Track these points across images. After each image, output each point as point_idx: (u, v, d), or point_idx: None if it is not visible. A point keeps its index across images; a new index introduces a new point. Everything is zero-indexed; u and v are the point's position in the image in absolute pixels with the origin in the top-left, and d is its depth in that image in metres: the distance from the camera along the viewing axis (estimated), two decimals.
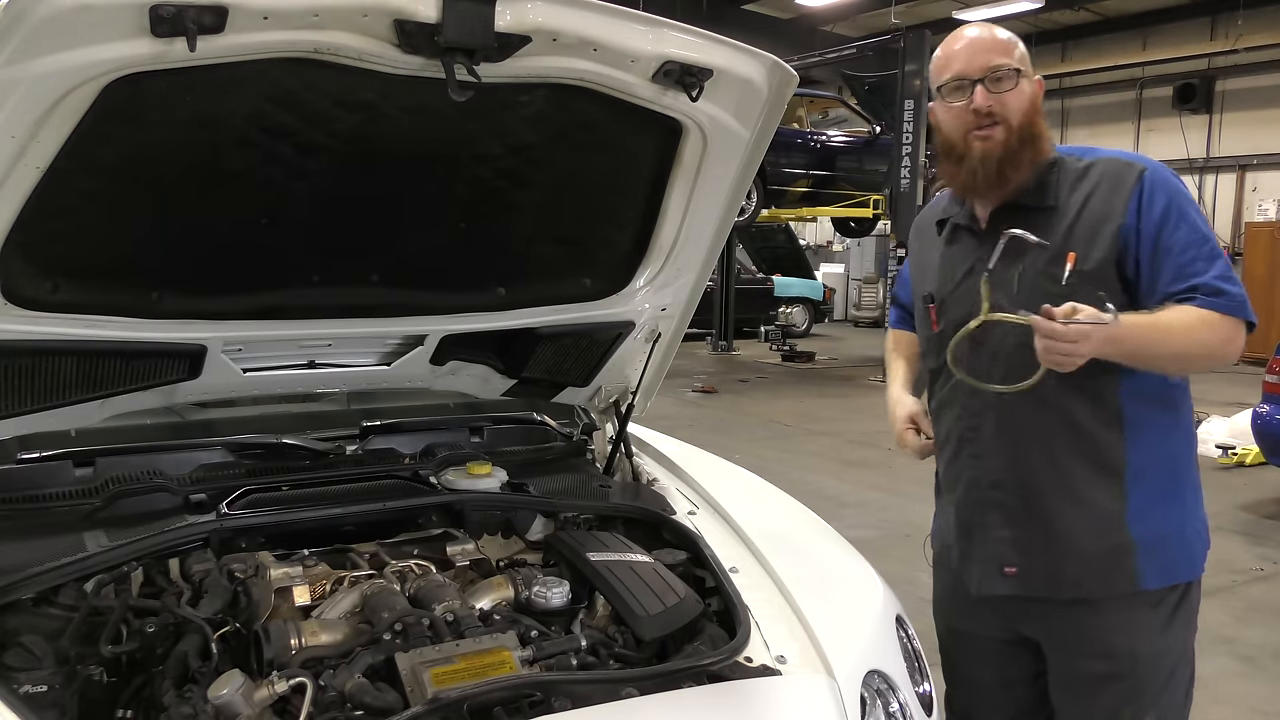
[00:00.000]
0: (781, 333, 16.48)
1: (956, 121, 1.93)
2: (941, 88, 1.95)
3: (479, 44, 1.67)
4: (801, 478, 6.88)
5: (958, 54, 1.93)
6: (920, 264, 2.20)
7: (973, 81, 1.90)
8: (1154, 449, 1.92)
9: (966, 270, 2.01)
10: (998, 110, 1.89)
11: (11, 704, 1.49)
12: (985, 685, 2.16)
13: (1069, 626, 1.98)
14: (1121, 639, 1.94)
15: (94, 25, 1.47)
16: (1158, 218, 1.83)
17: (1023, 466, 1.96)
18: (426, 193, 2.08)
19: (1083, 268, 1.84)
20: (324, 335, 2.29)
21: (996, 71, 1.89)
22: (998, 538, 2.00)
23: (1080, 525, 1.92)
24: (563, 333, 2.51)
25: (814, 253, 22.95)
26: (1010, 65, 1.90)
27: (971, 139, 1.92)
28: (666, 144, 2.14)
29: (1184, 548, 1.95)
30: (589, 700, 1.61)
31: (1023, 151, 1.91)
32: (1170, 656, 1.97)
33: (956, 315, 1.99)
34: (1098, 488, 1.91)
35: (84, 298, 1.92)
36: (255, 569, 1.97)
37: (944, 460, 2.13)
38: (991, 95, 1.89)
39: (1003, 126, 1.90)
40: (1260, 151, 17.03)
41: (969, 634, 2.16)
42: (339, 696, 1.62)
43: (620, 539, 2.19)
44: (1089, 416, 1.90)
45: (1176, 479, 1.96)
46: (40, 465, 2.21)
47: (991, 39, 1.93)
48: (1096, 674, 1.97)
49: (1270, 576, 5.42)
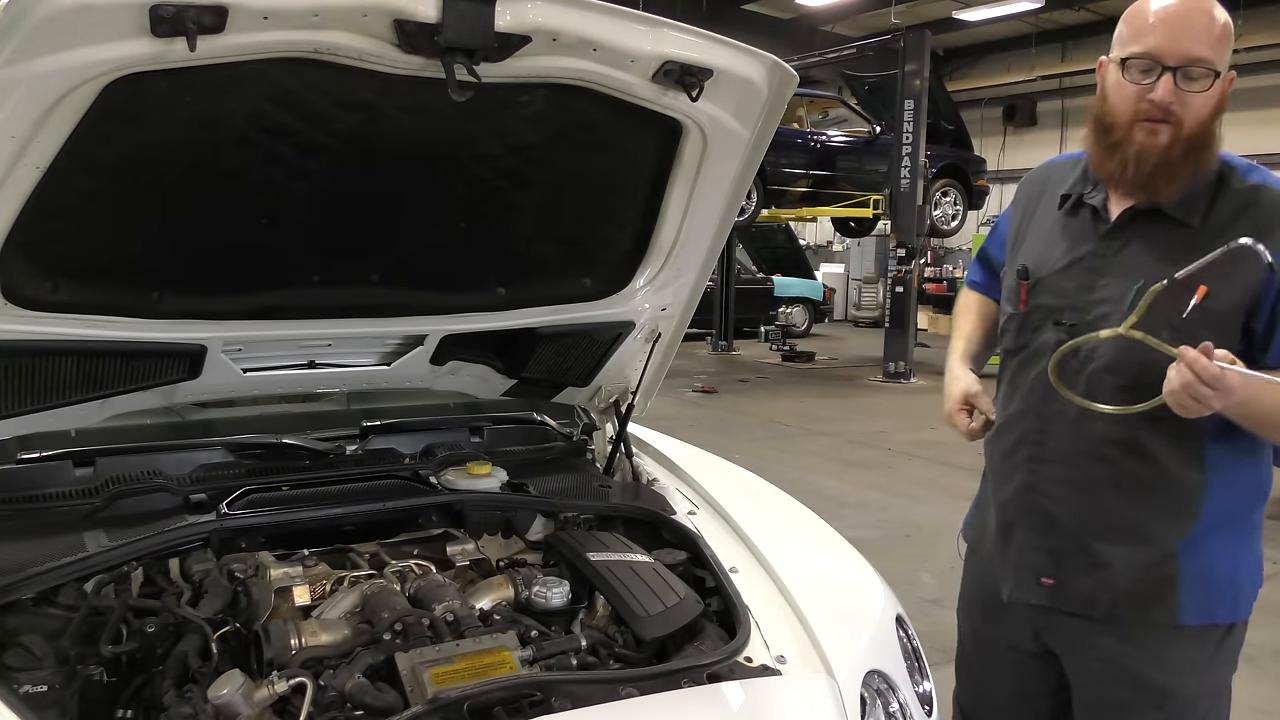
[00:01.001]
0: (781, 333, 16.48)
1: (1127, 102, 1.69)
2: (1127, 59, 1.68)
3: (479, 44, 1.67)
4: (801, 478, 6.88)
5: (1158, 26, 1.65)
6: (1024, 231, 1.94)
7: (1164, 68, 1.64)
8: (1229, 493, 1.78)
9: (1076, 257, 1.81)
10: (1177, 109, 1.65)
11: (11, 704, 1.49)
12: (1003, 695, 2.09)
13: (1100, 649, 1.87)
14: (1154, 672, 1.83)
15: (94, 25, 1.47)
16: None
17: (1083, 486, 1.82)
18: (426, 193, 2.08)
19: (1211, 305, 1.61)
20: (324, 335, 2.29)
21: (1196, 65, 1.63)
22: (1039, 546, 1.88)
23: (1127, 555, 1.80)
24: (563, 333, 2.50)
25: (814, 253, 22.96)
26: (1212, 62, 1.63)
27: (1136, 129, 1.68)
28: (666, 144, 2.14)
29: (1232, 588, 1.82)
30: (589, 700, 1.61)
31: (1185, 162, 1.68)
32: (1206, 698, 1.86)
33: (1049, 301, 1.82)
34: (1160, 525, 1.77)
35: (84, 298, 1.92)
36: (255, 569, 1.97)
37: (998, 451, 1.96)
38: (1178, 91, 1.64)
39: (1173, 128, 1.66)
40: (1260, 151, 17.03)
41: (993, 640, 2.07)
42: (339, 696, 1.62)
43: (620, 539, 2.19)
44: (1167, 453, 1.74)
45: (1240, 519, 1.83)
46: (40, 465, 2.20)
47: (1205, 21, 1.64)
48: (1124, 702, 1.86)
49: (1270, 576, 5.40)
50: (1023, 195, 2.02)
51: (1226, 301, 1.66)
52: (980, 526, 2.08)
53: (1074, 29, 18.50)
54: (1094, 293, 1.79)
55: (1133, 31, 1.70)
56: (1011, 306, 1.93)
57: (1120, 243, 1.78)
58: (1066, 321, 1.80)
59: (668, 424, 3.53)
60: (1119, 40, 1.72)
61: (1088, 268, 1.80)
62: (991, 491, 2.01)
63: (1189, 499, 1.77)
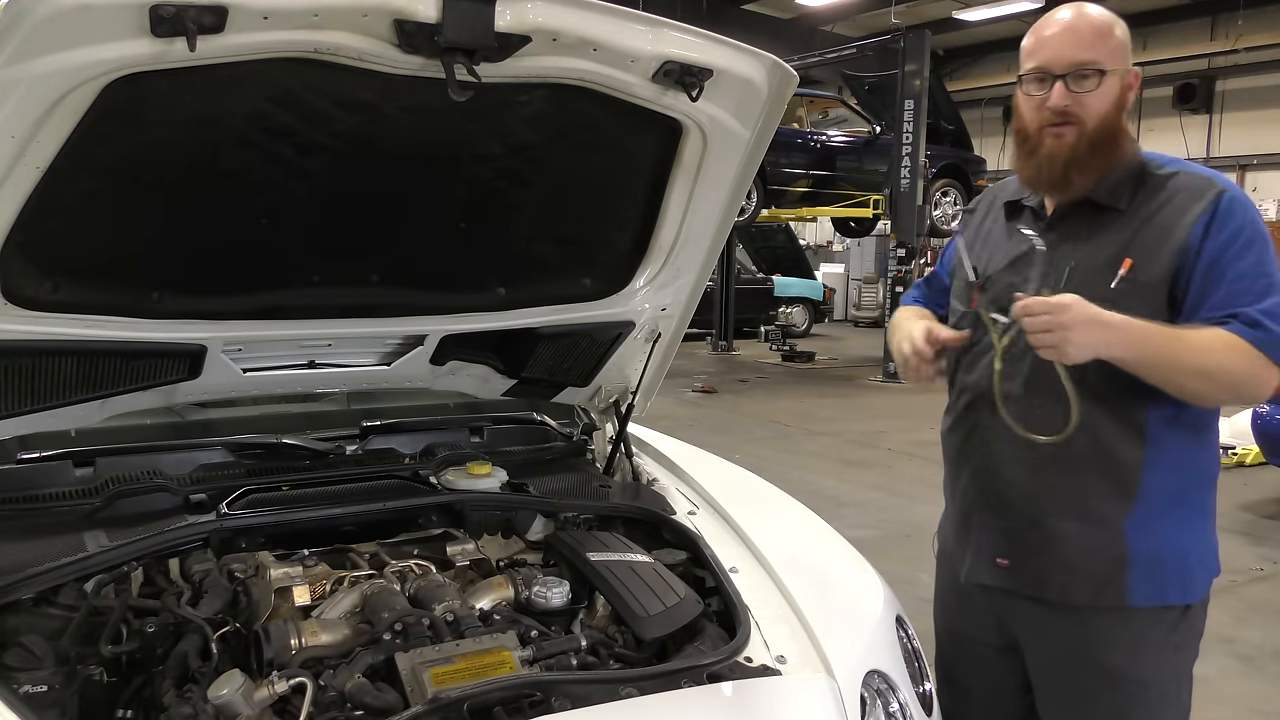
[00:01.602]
0: (781, 333, 16.48)
1: (1032, 114, 1.85)
2: (1023, 76, 1.86)
3: (479, 44, 1.67)
4: (801, 478, 6.88)
5: (1046, 42, 1.83)
6: (976, 238, 2.11)
7: (1054, 76, 1.81)
8: (1171, 470, 1.86)
9: (1020, 254, 1.95)
10: (1075, 111, 1.80)
11: (11, 704, 1.49)
12: (973, 692, 2.14)
13: (1056, 635, 1.94)
14: (1107, 654, 1.89)
15: (94, 25, 1.47)
16: (1222, 243, 1.75)
17: (1033, 465, 1.90)
18: (426, 193, 2.08)
19: (1137, 277, 1.78)
20: (324, 335, 2.29)
21: (1082, 69, 1.79)
22: (994, 526, 1.97)
23: (1078, 533, 1.87)
24: (563, 333, 2.50)
25: (814, 253, 22.95)
26: (1097, 63, 1.79)
27: (1044, 134, 1.84)
28: (666, 144, 2.14)
29: (1182, 571, 1.87)
30: (589, 700, 1.61)
31: (1092, 157, 1.82)
32: (1161, 683, 1.91)
33: (996, 297, 1.94)
34: (1106, 502, 1.85)
35: (84, 298, 1.92)
36: (255, 569, 1.98)
37: (955, 440, 2.07)
38: (1070, 94, 1.80)
39: (1076, 128, 1.81)
40: (1260, 151, 17.05)
41: (963, 636, 2.14)
42: (339, 696, 1.62)
43: (620, 539, 2.19)
44: (1111, 432, 1.83)
45: (1187, 502, 1.89)
46: (40, 465, 2.21)
47: (1086, 29, 1.81)
48: (1081, 688, 1.92)
49: (1270, 576, 5.42)
50: (975, 213, 2.17)
51: (1150, 273, 1.79)
52: (947, 526, 2.15)
53: None
54: (1034, 281, 1.90)
55: (1027, 52, 1.87)
56: (963, 305, 2.06)
57: (1056, 235, 1.90)
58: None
59: (668, 424, 3.53)
60: (1021, 61, 1.89)
61: (1029, 261, 1.92)
62: (950, 480, 2.10)
63: (1129, 474, 1.84)
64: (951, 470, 2.10)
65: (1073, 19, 1.83)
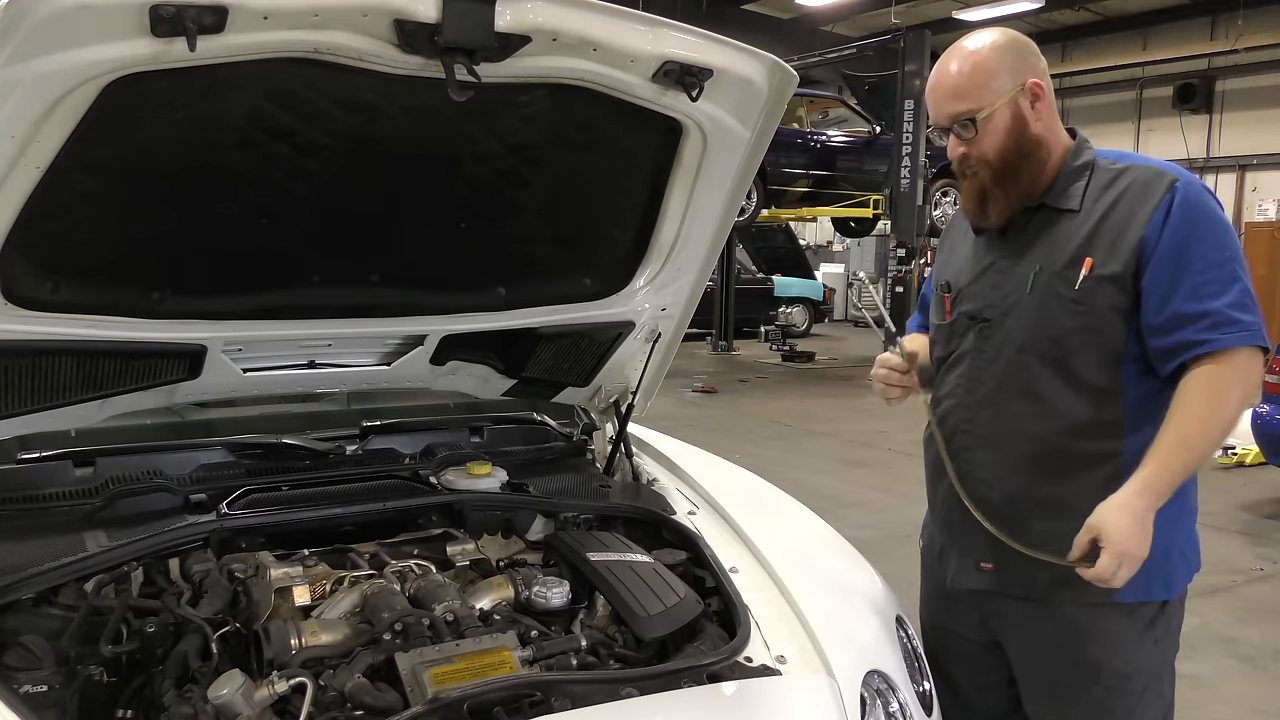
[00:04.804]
0: (781, 333, 16.47)
1: (950, 155, 1.96)
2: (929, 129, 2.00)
3: (479, 44, 1.67)
4: (801, 478, 6.88)
5: (930, 98, 1.94)
6: (948, 254, 2.18)
7: (944, 130, 1.93)
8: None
9: (987, 264, 2.00)
10: (973, 154, 1.90)
11: (11, 704, 1.49)
12: (959, 686, 2.15)
13: (1040, 631, 1.96)
14: (1090, 647, 1.91)
15: (94, 25, 1.47)
16: (1182, 233, 1.79)
17: (1011, 466, 1.93)
18: (426, 193, 2.08)
19: (1100, 274, 1.82)
20: (324, 335, 2.29)
21: (958, 119, 1.89)
22: (977, 532, 1.96)
23: (1063, 529, 1.83)
24: (563, 333, 2.51)
25: (814, 253, 22.94)
26: (971, 111, 1.87)
27: (964, 172, 1.96)
28: (666, 144, 2.14)
29: (1163, 566, 1.87)
30: (589, 700, 1.61)
31: (1000, 188, 1.91)
32: (1143, 675, 1.93)
33: (968, 308, 2.00)
34: (1088, 500, 1.82)
35: (84, 298, 1.92)
36: (255, 569, 1.98)
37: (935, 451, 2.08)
38: (962, 142, 1.90)
39: (982, 165, 1.90)
40: (1260, 151, 17.04)
41: (947, 631, 2.15)
42: (339, 696, 1.62)
43: (620, 539, 2.19)
44: (1090, 426, 1.87)
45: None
46: (40, 465, 2.20)
47: (952, 83, 1.89)
48: (1065, 682, 1.95)
49: (1270, 576, 5.42)
50: (948, 234, 2.25)
51: (1112, 269, 1.83)
52: (930, 527, 2.18)
53: (1074, 29, 18.51)
54: (1003, 288, 1.96)
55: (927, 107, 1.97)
56: (939, 318, 2.12)
57: (1018, 243, 1.95)
58: (984, 318, 1.98)
59: (668, 424, 3.53)
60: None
61: (997, 270, 1.98)
62: (931, 486, 2.13)
63: (1109, 471, 1.85)
64: (932, 476, 2.12)
65: (941, 70, 1.91)
